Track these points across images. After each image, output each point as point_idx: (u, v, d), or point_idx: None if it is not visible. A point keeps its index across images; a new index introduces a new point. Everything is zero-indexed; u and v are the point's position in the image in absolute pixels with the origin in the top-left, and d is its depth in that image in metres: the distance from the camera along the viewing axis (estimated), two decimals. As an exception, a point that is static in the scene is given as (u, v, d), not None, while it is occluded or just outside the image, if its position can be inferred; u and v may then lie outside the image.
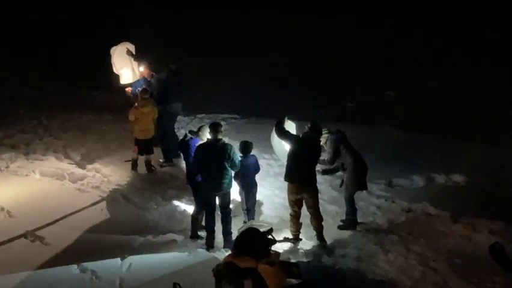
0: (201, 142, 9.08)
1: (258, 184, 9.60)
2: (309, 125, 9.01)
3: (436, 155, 12.42)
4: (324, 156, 9.56)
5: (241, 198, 9.54)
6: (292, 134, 9.04)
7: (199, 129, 9.52)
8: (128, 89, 12.92)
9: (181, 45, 21.26)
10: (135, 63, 12.64)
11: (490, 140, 13.11)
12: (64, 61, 20.06)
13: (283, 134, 9.03)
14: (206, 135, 9.07)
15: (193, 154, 9.00)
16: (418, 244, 8.86)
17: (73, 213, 9.80)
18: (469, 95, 16.42)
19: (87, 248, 8.63)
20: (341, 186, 9.82)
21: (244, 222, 9.37)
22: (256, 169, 9.52)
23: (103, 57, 13.20)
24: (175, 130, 12.91)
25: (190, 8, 23.93)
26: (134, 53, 12.63)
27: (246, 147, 9.42)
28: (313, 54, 20.95)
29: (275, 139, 9.32)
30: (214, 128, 8.80)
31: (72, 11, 22.62)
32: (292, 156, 8.91)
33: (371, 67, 19.42)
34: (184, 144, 9.42)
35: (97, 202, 10.29)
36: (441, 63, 19.73)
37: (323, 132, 9.48)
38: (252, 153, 9.53)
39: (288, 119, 9.49)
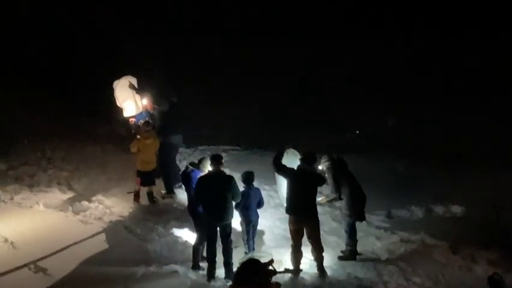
0: (202, 174, 9.20)
1: (259, 215, 9.67)
2: (301, 157, 9.11)
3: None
4: (328, 188, 9.66)
5: (242, 229, 9.60)
6: (288, 168, 9.09)
7: (200, 161, 9.63)
8: (132, 120, 13.07)
9: (183, 74, 21.40)
10: (137, 96, 12.80)
11: (488, 171, 13.19)
12: (67, 92, 20.23)
13: (280, 168, 9.12)
14: (207, 167, 9.19)
15: (194, 185, 9.10)
16: (417, 275, 8.92)
17: (76, 244, 9.85)
18: (468, 125, 16.52)
19: (90, 279, 8.68)
20: None
21: (245, 253, 9.44)
22: (260, 202, 9.59)
23: (106, 89, 13.36)
24: (177, 161, 13.03)
25: (191, 35, 24.03)
26: (136, 86, 12.79)
27: (248, 178, 9.53)
28: (313, 82, 21.08)
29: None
30: (216, 159, 8.92)
31: (75, 41, 22.73)
32: (291, 189, 8.99)
33: (371, 96, 19.56)
34: (186, 176, 9.52)
35: (100, 233, 10.36)
36: (441, 91, 19.84)
37: (324, 160, 9.59)
38: (255, 186, 9.64)
39: (290, 148, 9.62)
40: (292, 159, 9.33)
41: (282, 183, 9.47)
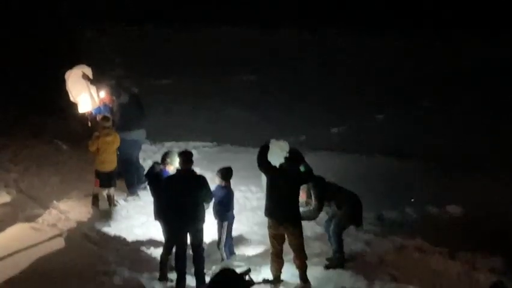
0: (170, 172, 9.16)
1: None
2: (287, 154, 9.05)
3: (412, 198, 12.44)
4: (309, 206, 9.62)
5: (219, 233, 9.58)
6: (271, 165, 8.96)
7: (166, 156, 9.59)
8: (89, 112, 12.88)
9: (148, 64, 21.34)
10: (94, 88, 12.59)
11: (486, 170, 13.38)
12: (13, 85, 20.03)
13: (261, 163, 8.96)
14: (175, 162, 9.15)
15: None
16: (412, 284, 8.94)
17: (27, 254, 9.63)
18: (464, 122, 16.72)
19: (42, 294, 8.57)
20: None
21: (222, 260, 9.47)
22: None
23: (57, 80, 13.19)
24: (140, 160, 12.93)
25: (159, 24, 24.06)
26: (91, 76, 12.59)
27: (228, 174, 9.69)
28: (294, 75, 21.12)
29: None
30: (186, 157, 8.82)
31: (21, 27, 22.57)
32: (270, 189, 8.90)
33: (360, 89, 19.69)
34: (154, 176, 9.45)
35: (54, 241, 10.14)
36: (435, 85, 20.03)
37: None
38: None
39: (277, 140, 9.64)
40: (278, 154, 9.31)
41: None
